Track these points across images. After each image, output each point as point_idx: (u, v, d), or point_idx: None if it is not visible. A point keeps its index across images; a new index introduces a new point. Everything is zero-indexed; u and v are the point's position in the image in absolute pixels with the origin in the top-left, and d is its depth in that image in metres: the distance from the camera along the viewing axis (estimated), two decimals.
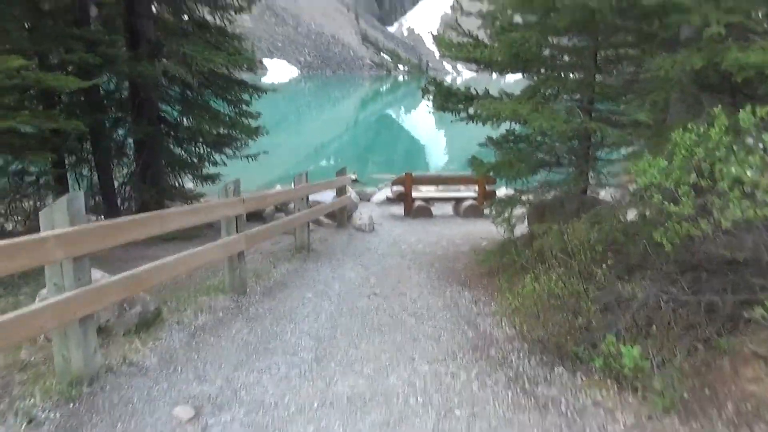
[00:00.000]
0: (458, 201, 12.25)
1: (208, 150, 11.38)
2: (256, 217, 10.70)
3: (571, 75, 5.75)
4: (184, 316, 4.63)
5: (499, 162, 5.88)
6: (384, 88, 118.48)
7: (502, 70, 6.90)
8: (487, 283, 6.35)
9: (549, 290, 4.13)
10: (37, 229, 2.89)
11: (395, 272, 7.05)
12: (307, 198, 7.54)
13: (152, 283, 3.75)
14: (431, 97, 6.89)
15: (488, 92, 6.96)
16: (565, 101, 5.79)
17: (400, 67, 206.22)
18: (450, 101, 6.77)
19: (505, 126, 6.45)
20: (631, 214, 5.24)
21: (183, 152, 11.25)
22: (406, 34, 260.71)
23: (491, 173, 6.20)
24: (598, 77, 6.24)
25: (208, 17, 11.00)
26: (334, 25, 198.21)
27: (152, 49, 9.54)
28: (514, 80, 9.43)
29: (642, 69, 6.81)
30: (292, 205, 8.56)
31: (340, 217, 10.18)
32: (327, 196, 11.10)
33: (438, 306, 5.52)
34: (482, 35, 7.24)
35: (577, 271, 4.31)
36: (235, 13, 11.29)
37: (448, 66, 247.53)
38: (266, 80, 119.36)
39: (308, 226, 7.78)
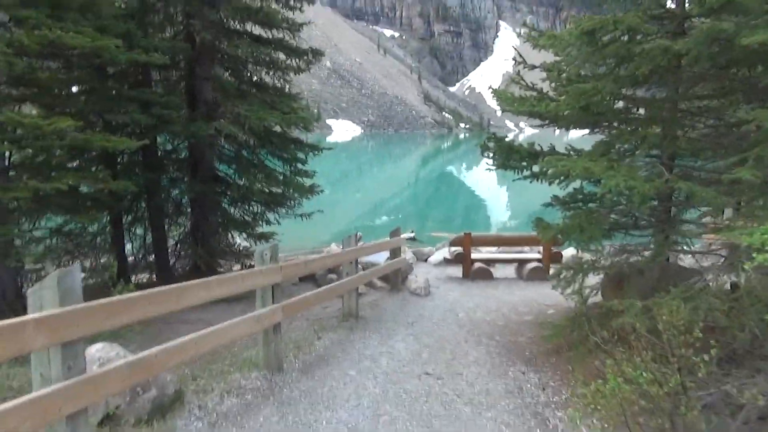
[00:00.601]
0: (521, 263, 11.44)
1: (262, 209, 11.26)
2: (307, 278, 10.33)
3: (649, 129, 5.07)
4: (209, 399, 4.13)
5: (568, 225, 5.20)
6: (445, 145, 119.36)
7: (569, 125, 6.31)
8: (555, 362, 5.55)
9: (636, 385, 3.38)
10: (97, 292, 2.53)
11: (450, 345, 6.35)
12: (356, 261, 7.05)
13: (165, 368, 3.30)
14: (491, 155, 6.36)
15: (554, 149, 6.36)
16: (641, 158, 5.09)
17: (461, 124, 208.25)
18: (512, 158, 6.21)
19: (573, 184, 5.81)
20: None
21: (237, 211, 11.17)
22: (467, 93, 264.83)
23: (559, 237, 5.51)
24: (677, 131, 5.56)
25: (268, 79, 11.11)
26: (397, 86, 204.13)
27: (209, 110, 9.60)
28: (578, 137, 8.81)
29: (727, 121, 6.09)
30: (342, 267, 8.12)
31: (394, 279, 9.61)
32: (381, 257, 10.61)
33: (499, 391, 4.78)
34: (547, 88, 6.74)
35: (669, 361, 3.54)
36: (294, 74, 11.35)
37: (510, 123, 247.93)
38: (330, 139, 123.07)
39: (357, 291, 7.25)
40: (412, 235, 19.75)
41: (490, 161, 6.72)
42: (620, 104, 6.07)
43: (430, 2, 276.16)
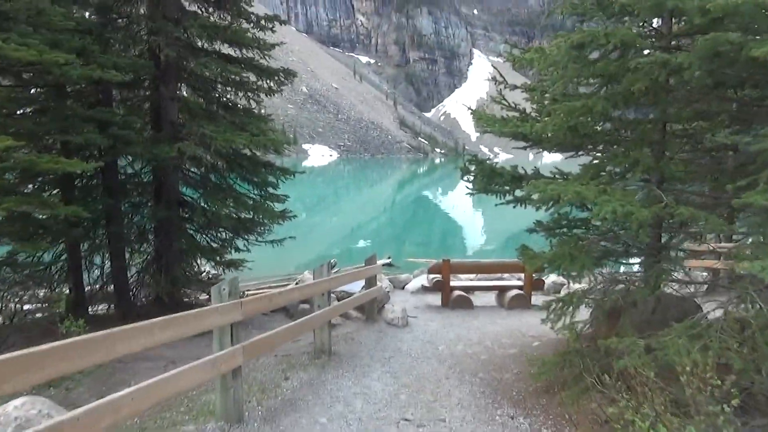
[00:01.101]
0: (501, 290, 11.03)
1: (231, 235, 10.69)
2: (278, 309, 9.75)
3: (639, 151, 4.73)
4: None
5: (557, 253, 4.81)
6: (421, 170, 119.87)
7: (554, 147, 5.98)
8: (546, 404, 5.10)
9: None
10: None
11: (431, 384, 5.86)
12: (329, 293, 6.54)
13: None
14: (472, 178, 5.97)
15: (538, 172, 6.01)
16: (634, 181, 4.75)
17: (437, 149, 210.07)
18: (494, 182, 5.83)
19: (556, 208, 5.45)
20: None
21: (204, 237, 10.57)
22: (442, 118, 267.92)
23: (547, 268, 5.11)
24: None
25: (238, 100, 10.66)
26: (373, 112, 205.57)
27: (174, 131, 9.08)
28: (553, 162, 8.52)
29: (719, 144, 5.82)
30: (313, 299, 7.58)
31: (370, 309, 9.10)
32: (356, 286, 10.10)
33: None
34: (528, 109, 6.43)
35: (684, 411, 3.12)
36: (266, 95, 10.93)
37: (484, 148, 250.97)
38: (307, 164, 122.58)
39: (329, 325, 6.73)
40: (388, 260, 19.26)
41: (471, 185, 6.34)
42: (607, 125, 5.77)
43: (405, 30, 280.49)
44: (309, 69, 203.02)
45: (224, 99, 10.02)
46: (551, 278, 12.04)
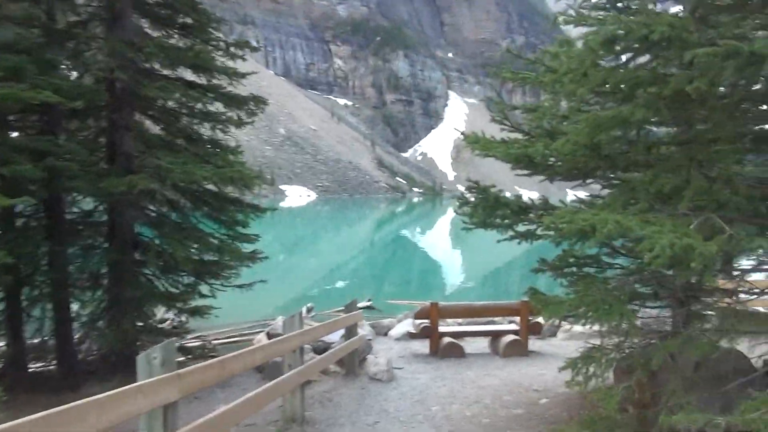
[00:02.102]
0: (495, 336, 10.02)
1: (193, 279, 9.58)
2: None
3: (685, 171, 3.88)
4: None
5: (584, 299, 3.88)
6: (399, 209, 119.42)
7: (565, 172, 5.12)
8: None
9: None
10: None
11: None
12: (301, 351, 5.48)
13: None
14: (470, 210, 5.07)
15: (547, 202, 5.15)
16: (683, 209, 3.86)
17: (415, 189, 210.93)
18: (496, 215, 4.94)
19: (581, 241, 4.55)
20: None
21: (164, 282, 9.44)
22: (419, 158, 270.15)
23: (571, 317, 4.18)
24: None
25: (204, 131, 9.75)
26: (351, 152, 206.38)
27: (128, 164, 8.08)
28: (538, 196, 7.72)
29: None
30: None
31: (350, 362, 8.01)
32: (335, 334, 9.03)
33: None
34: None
35: None
36: (236, 127, 10.05)
37: (461, 187, 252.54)
38: (284, 204, 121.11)
39: (302, 389, 5.63)
40: (369, 303, 18.15)
41: (468, 218, 5.45)
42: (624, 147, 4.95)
43: (382, 73, 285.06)
44: (287, 111, 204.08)
45: (189, 130, 9.08)
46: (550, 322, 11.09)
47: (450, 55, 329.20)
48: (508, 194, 5.89)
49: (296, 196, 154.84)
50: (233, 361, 3.87)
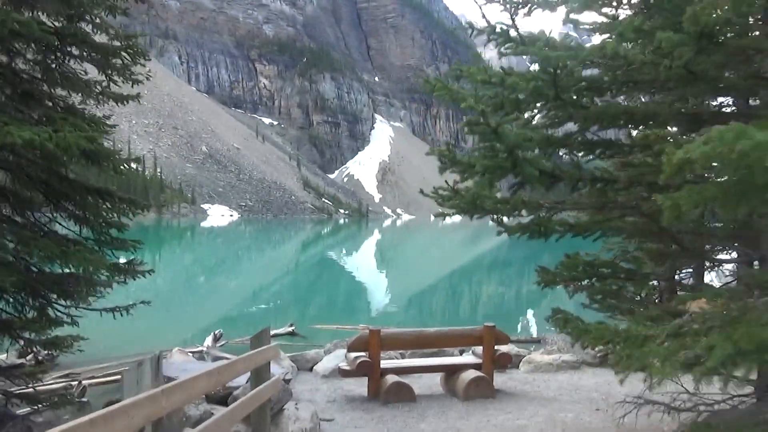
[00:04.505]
0: (451, 371, 7.84)
1: (42, 301, 6.80)
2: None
3: None
4: None
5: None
6: (325, 230, 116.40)
7: None
8: None
9: None
10: None
11: None
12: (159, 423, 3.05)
13: None
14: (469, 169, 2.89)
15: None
16: None
17: (341, 210, 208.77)
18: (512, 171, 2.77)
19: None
20: None
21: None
22: (345, 180, 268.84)
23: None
24: None
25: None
26: (276, 172, 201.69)
27: None
28: (452, 222, 5.71)
29: None
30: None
31: (258, 420, 5.50)
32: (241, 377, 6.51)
33: None
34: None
35: None
36: (114, 102, 7.44)
37: (387, 209, 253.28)
38: (206, 224, 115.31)
39: None
40: (291, 329, 15.58)
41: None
42: None
43: (309, 94, 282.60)
44: (210, 129, 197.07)
45: (26, 84, 6.38)
46: (506, 347, 9.08)
47: (376, 79, 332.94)
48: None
49: (218, 215, 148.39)
50: None
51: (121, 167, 6.45)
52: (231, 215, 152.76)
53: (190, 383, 3.31)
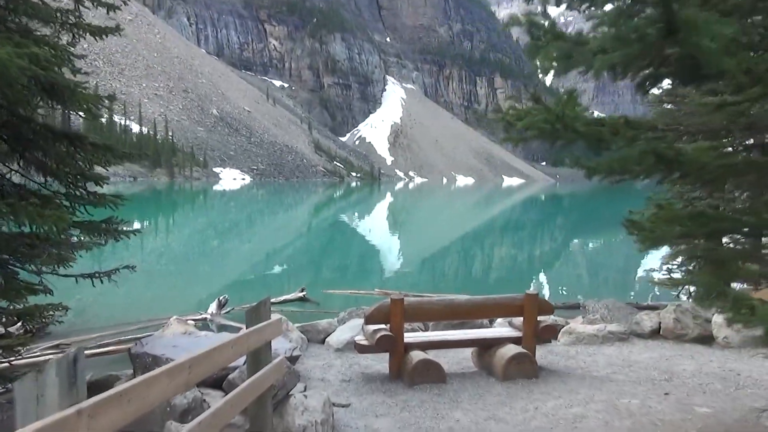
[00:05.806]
0: (486, 346, 6.72)
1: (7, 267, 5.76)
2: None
3: None
4: None
5: None
6: (337, 194, 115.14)
7: None
8: None
9: None
10: None
11: None
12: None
13: None
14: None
15: None
16: None
17: (353, 173, 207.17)
18: None
19: None
20: None
21: None
22: (357, 143, 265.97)
23: None
24: None
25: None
26: (287, 135, 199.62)
27: None
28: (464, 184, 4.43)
29: None
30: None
31: (258, 413, 4.44)
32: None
33: None
34: None
35: None
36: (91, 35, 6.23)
37: (400, 172, 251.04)
38: (218, 188, 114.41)
39: None
40: (302, 294, 14.59)
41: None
42: None
43: (319, 56, 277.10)
44: (220, 92, 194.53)
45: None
46: (579, 321, 7.96)
47: (388, 39, 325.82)
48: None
49: (230, 179, 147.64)
50: None
51: (89, 106, 5.27)
52: (243, 179, 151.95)
53: (137, 393, 2.18)
